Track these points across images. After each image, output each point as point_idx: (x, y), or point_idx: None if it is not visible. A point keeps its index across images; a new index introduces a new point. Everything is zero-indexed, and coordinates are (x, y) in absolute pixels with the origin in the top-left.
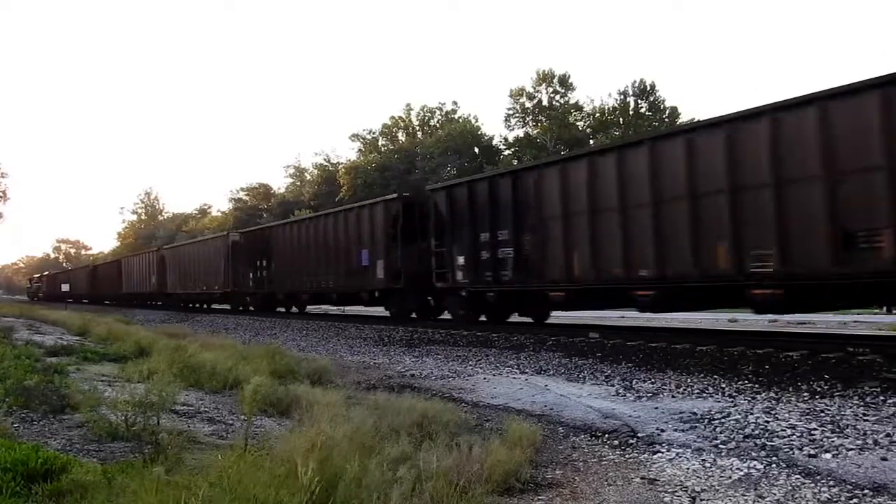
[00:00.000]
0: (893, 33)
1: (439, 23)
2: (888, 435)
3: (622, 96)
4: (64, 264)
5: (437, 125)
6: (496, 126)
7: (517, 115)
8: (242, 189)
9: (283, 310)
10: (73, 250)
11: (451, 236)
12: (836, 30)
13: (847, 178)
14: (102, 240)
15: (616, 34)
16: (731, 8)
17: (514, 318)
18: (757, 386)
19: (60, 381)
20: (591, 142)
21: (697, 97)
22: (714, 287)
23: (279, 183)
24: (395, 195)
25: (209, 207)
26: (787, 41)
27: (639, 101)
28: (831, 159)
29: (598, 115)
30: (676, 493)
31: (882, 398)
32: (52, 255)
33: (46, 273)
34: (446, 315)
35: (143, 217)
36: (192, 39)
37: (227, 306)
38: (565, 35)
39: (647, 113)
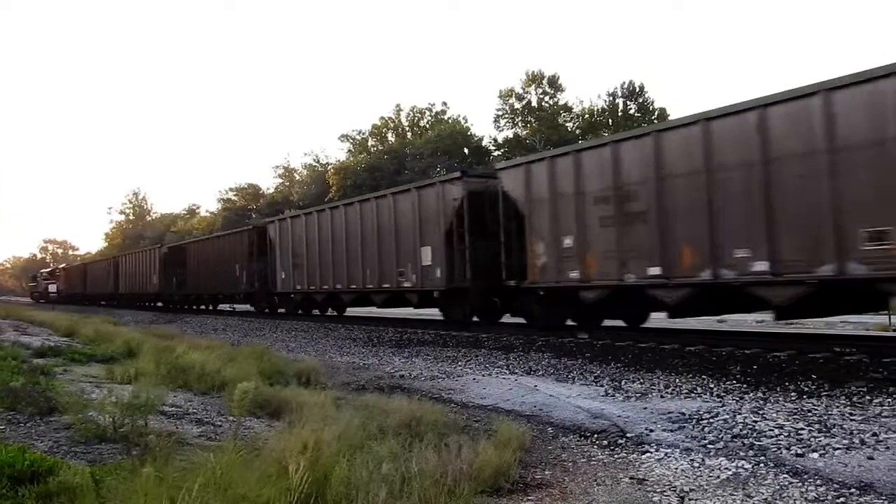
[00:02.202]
0: (893, 33)
1: (429, 23)
2: (874, 434)
3: (611, 97)
4: (51, 265)
5: (427, 126)
6: (486, 127)
7: (506, 115)
8: (231, 189)
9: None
10: (60, 250)
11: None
12: (834, 29)
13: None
14: (90, 240)
15: (606, 35)
16: (726, 9)
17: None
18: (745, 386)
19: (47, 382)
20: (580, 142)
21: (688, 98)
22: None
23: (268, 183)
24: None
25: (198, 208)
26: (780, 41)
27: (627, 103)
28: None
29: (587, 116)
30: (665, 493)
31: (868, 398)
32: (39, 256)
33: (63, 266)
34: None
35: (130, 217)
36: (181, 39)
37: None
38: (555, 36)
39: (636, 114)
